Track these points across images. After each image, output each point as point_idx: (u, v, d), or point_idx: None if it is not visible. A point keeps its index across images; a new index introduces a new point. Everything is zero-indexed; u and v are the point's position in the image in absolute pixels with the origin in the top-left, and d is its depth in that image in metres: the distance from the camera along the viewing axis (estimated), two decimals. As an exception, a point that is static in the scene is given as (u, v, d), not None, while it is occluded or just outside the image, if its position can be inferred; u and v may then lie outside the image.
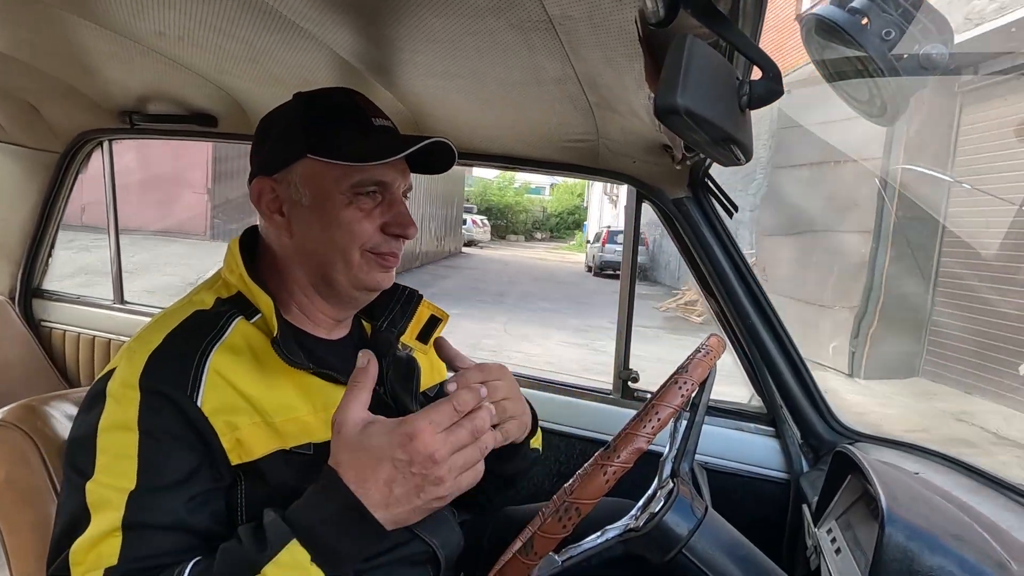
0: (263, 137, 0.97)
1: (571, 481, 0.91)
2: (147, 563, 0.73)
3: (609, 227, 19.68)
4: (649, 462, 0.89)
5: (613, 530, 0.84)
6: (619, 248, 18.41)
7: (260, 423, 0.84)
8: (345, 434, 0.74)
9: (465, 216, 25.00)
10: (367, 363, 0.78)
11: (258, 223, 0.99)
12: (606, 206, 25.85)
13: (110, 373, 0.83)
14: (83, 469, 0.77)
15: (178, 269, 9.77)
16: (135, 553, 0.73)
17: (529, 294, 13.60)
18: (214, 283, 0.96)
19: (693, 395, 0.85)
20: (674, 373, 0.85)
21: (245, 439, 0.83)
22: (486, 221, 28.10)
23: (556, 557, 0.82)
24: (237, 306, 0.91)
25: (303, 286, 0.96)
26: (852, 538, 1.02)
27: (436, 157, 0.98)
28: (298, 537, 0.71)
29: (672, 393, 0.81)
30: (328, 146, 0.90)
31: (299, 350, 0.89)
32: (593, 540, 0.84)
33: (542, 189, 40.06)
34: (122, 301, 2.23)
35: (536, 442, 1.14)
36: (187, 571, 0.71)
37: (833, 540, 1.05)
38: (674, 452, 0.90)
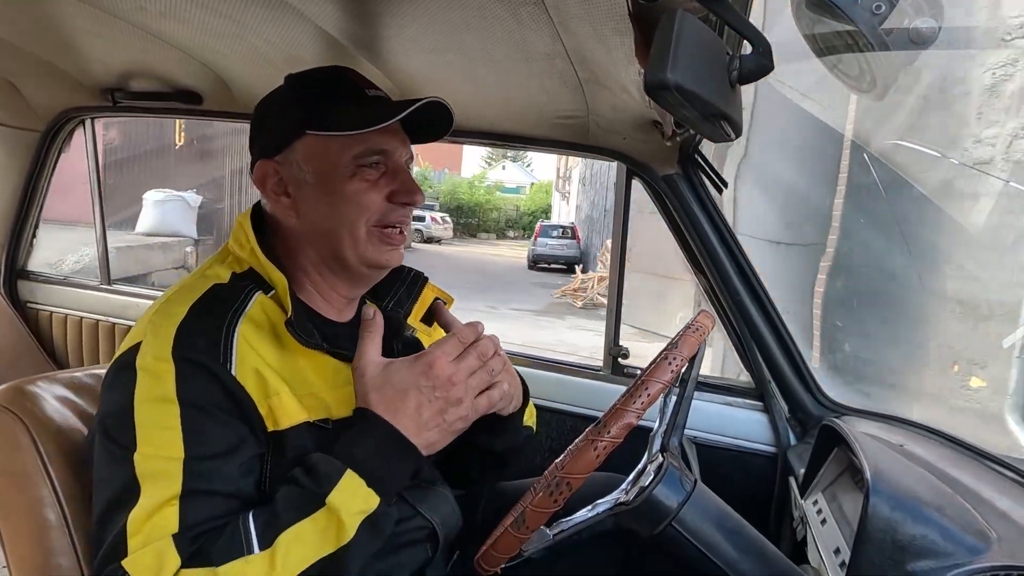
0: (260, 121, 0.97)
1: (562, 457, 0.92)
2: (206, 526, 0.74)
3: (542, 222, 19.85)
4: (639, 437, 0.90)
5: (603, 504, 0.86)
6: (550, 242, 18.73)
7: (288, 393, 0.85)
8: (369, 375, 0.83)
9: (424, 213, 25.56)
10: (373, 315, 0.88)
11: (262, 202, 0.99)
12: (560, 201, 25.92)
13: (135, 347, 0.82)
14: (124, 443, 0.77)
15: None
16: (193, 519, 0.74)
17: (440, 283, 13.78)
18: (225, 257, 0.96)
19: (682, 371, 0.86)
20: (664, 349, 0.86)
21: (275, 408, 0.83)
22: (447, 218, 28.26)
23: (547, 531, 0.84)
24: (253, 280, 0.91)
25: (316, 264, 0.96)
26: (838, 509, 1.04)
27: (433, 125, 0.98)
28: (353, 467, 0.77)
29: (662, 369, 0.82)
30: (325, 120, 0.90)
31: (312, 329, 0.90)
32: (584, 514, 0.85)
33: (522, 188, 39.89)
34: (109, 282, 2.21)
35: (530, 419, 1.15)
36: (250, 519, 0.74)
37: (819, 511, 1.08)
38: (664, 427, 0.91)
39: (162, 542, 0.72)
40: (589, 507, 0.86)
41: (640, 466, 0.89)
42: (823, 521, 1.04)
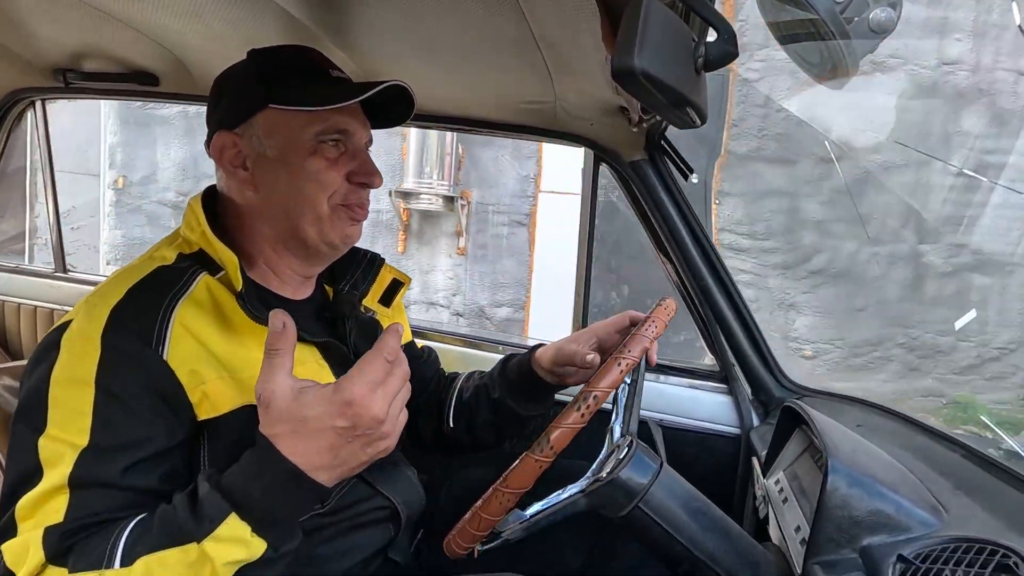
0: (219, 93, 0.96)
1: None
2: (91, 520, 0.72)
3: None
4: (605, 424, 0.92)
5: (577, 485, 0.87)
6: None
7: (227, 377, 0.83)
8: (276, 406, 0.70)
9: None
10: (283, 326, 0.73)
11: (216, 181, 0.97)
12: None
13: (64, 325, 0.81)
14: (35, 423, 0.75)
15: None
16: (80, 512, 0.72)
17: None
18: (174, 240, 0.94)
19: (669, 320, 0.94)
20: (649, 314, 0.96)
21: (212, 393, 0.81)
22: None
23: (523, 513, 0.85)
24: (200, 262, 0.90)
25: (271, 241, 0.95)
26: (798, 487, 1.07)
27: (394, 110, 0.99)
28: (237, 511, 0.70)
29: (659, 312, 0.94)
30: (289, 95, 0.89)
31: (263, 308, 0.88)
32: (559, 495, 0.86)
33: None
34: (64, 270, 2.14)
35: None
36: (128, 529, 0.70)
37: (780, 490, 1.11)
38: (623, 412, 0.94)
39: (36, 532, 0.70)
40: (562, 489, 0.87)
41: (608, 447, 0.90)
42: (784, 499, 1.07)
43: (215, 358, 0.83)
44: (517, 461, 0.82)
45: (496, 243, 5.18)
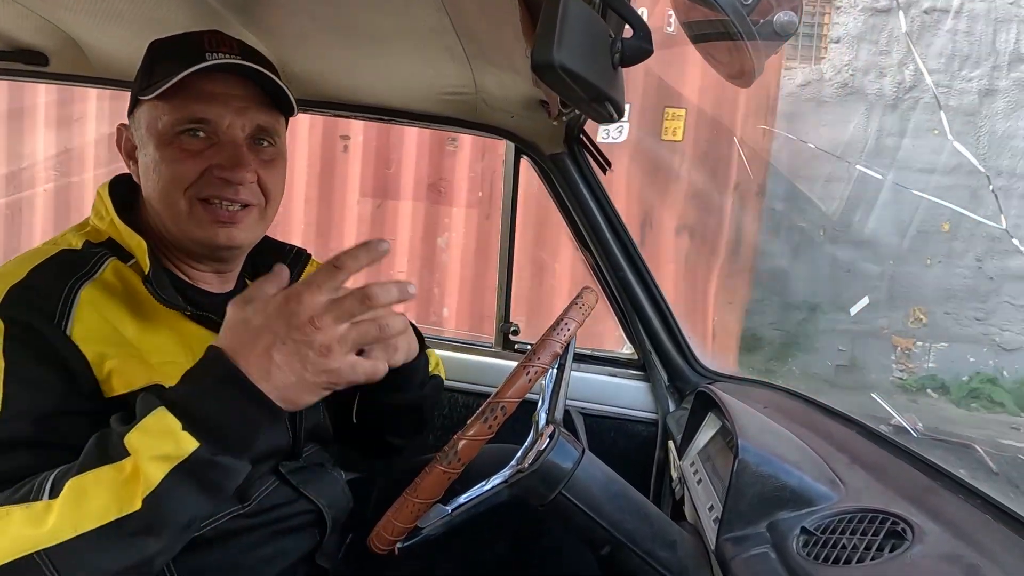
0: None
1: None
2: (7, 476, 0.68)
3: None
4: (529, 413, 0.93)
5: (501, 476, 0.87)
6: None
7: (135, 355, 0.79)
8: (230, 313, 0.68)
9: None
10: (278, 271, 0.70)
11: None
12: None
13: None
14: None
15: None
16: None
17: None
18: (82, 228, 0.90)
19: (584, 318, 0.92)
20: (571, 302, 0.94)
21: (119, 369, 0.77)
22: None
23: (445, 507, 0.84)
24: (109, 249, 0.86)
25: (166, 234, 0.91)
26: (711, 468, 1.12)
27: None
28: (167, 406, 0.65)
29: (574, 310, 0.90)
30: (151, 85, 0.85)
31: (175, 292, 0.85)
32: (481, 487, 0.87)
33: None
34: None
35: (436, 369, 1.14)
36: (52, 476, 0.66)
37: (695, 472, 1.16)
38: (548, 399, 0.95)
39: None
40: (485, 481, 0.88)
41: (532, 436, 0.92)
42: (699, 481, 1.12)
43: (122, 337, 0.80)
44: (425, 470, 0.81)
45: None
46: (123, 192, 0.92)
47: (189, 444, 0.64)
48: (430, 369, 1.11)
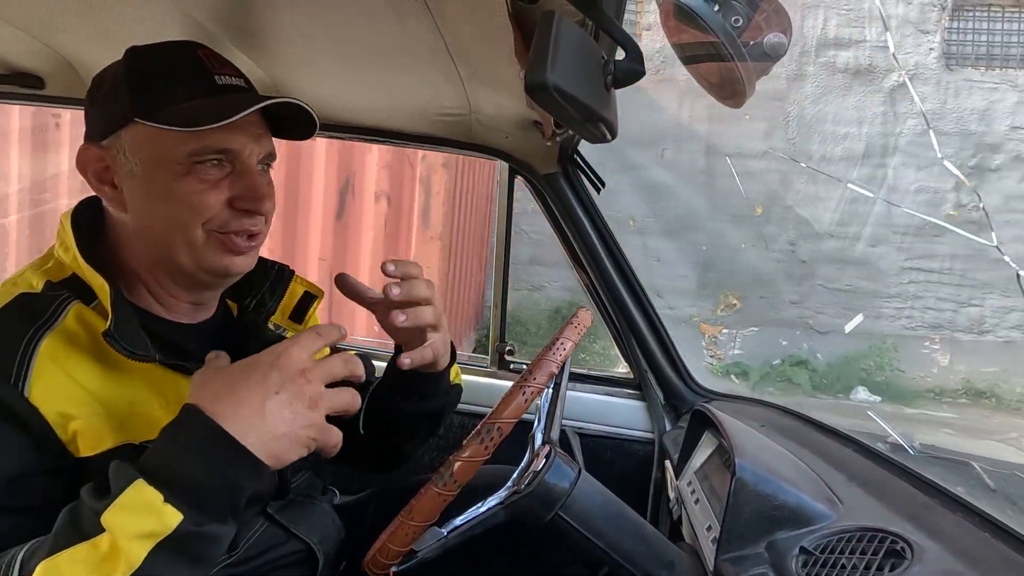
0: (92, 98, 0.86)
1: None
2: None
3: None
4: (525, 433, 0.92)
5: (496, 497, 0.87)
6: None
7: (102, 414, 0.75)
8: (197, 376, 0.70)
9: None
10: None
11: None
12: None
13: None
14: None
15: None
16: None
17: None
18: (44, 263, 0.84)
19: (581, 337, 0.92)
20: (568, 320, 0.93)
21: (84, 431, 0.73)
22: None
23: (441, 530, 0.83)
24: (72, 289, 0.80)
25: (149, 266, 0.85)
26: (709, 488, 1.11)
27: (300, 122, 0.89)
28: (146, 476, 0.61)
29: (571, 330, 0.89)
30: (158, 109, 0.79)
31: (144, 339, 0.79)
32: (477, 509, 0.86)
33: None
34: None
35: (456, 377, 1.12)
36: (20, 555, 0.63)
37: (692, 491, 1.15)
38: (544, 420, 0.94)
39: None
40: (481, 502, 0.87)
41: (528, 457, 0.91)
42: (696, 500, 1.11)
43: (87, 394, 0.75)
44: (421, 492, 0.80)
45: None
46: (87, 219, 0.86)
47: (173, 518, 0.61)
48: (452, 377, 1.10)
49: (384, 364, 1.05)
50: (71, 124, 3.74)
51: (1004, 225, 5.62)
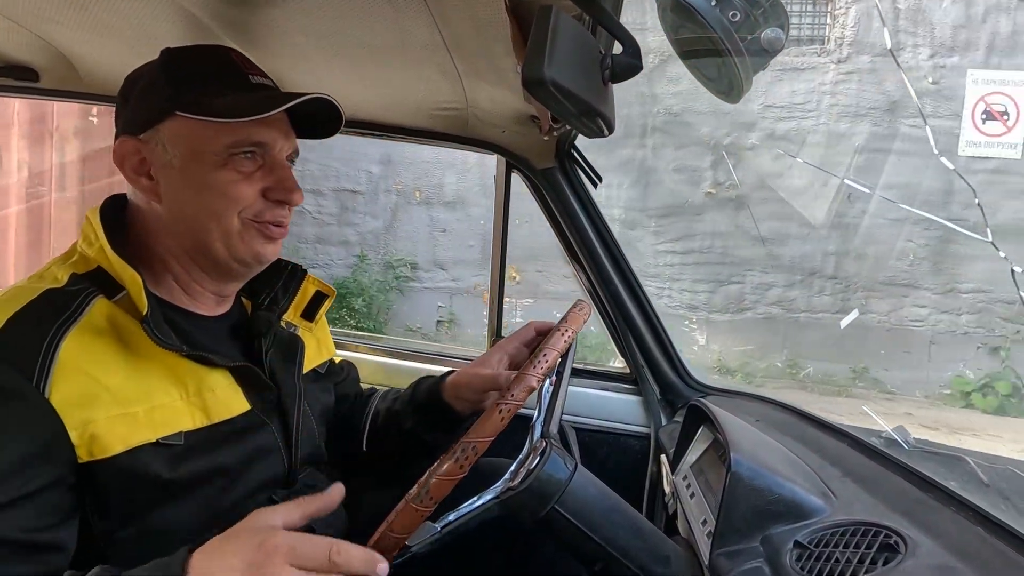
0: (127, 94, 0.90)
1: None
2: None
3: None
4: (523, 428, 0.93)
5: (491, 492, 0.87)
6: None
7: (121, 415, 0.77)
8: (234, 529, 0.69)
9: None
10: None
11: (128, 191, 0.91)
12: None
13: None
14: None
15: None
16: None
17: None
18: (69, 257, 0.87)
19: (572, 344, 0.92)
20: (556, 325, 0.93)
21: (103, 433, 0.75)
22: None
23: (434, 524, 0.83)
24: (96, 283, 0.82)
25: (179, 257, 0.89)
26: (704, 482, 1.11)
27: (320, 122, 0.94)
28: None
29: (555, 339, 0.88)
30: (198, 102, 0.83)
31: (170, 330, 0.82)
32: (472, 503, 0.86)
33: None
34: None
35: None
36: None
37: (688, 485, 1.15)
38: (543, 415, 0.94)
39: None
40: (476, 497, 0.87)
41: (524, 451, 0.91)
42: (692, 495, 1.11)
43: (108, 392, 0.76)
44: (400, 506, 0.81)
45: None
46: (113, 215, 0.90)
47: None
48: None
49: (388, 362, 1.06)
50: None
51: (760, 203, 5.73)
